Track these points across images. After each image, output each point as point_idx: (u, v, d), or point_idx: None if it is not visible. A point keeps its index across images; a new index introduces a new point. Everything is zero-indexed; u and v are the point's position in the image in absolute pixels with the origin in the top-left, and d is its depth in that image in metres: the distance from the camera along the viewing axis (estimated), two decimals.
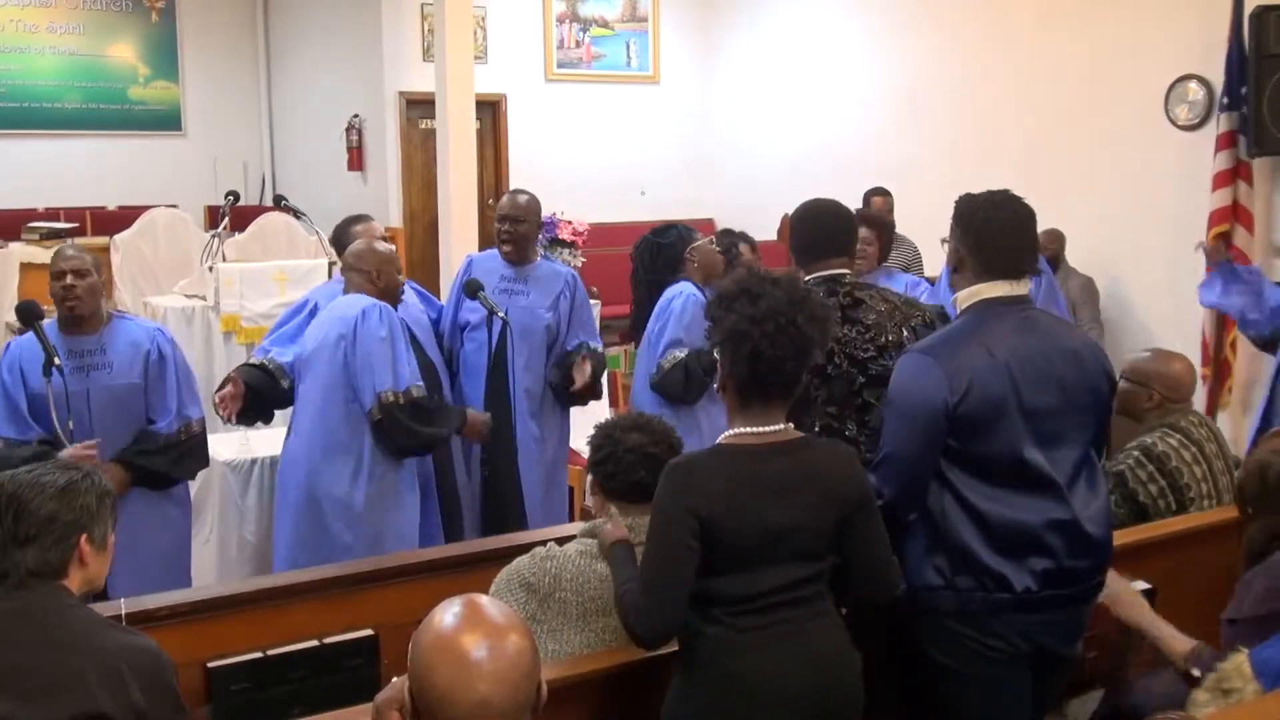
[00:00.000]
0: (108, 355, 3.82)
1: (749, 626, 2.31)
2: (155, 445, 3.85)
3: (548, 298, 4.63)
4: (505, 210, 4.65)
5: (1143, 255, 7.07)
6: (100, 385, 3.78)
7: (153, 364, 3.88)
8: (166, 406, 3.89)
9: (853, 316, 2.89)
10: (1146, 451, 3.67)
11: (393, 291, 4.12)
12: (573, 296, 4.69)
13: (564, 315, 4.66)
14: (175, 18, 10.65)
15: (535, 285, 4.64)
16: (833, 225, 3.06)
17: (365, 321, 3.90)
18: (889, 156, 8.54)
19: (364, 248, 4.16)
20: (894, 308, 2.96)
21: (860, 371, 2.85)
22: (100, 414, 3.76)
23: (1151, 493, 3.64)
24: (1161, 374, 3.79)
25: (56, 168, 9.99)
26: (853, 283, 2.98)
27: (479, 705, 1.57)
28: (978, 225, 2.62)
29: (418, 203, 9.52)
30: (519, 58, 9.86)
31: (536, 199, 4.72)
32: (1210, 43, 6.56)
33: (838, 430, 2.83)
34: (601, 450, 2.69)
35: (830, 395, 2.84)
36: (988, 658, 2.54)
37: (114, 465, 3.74)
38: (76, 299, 3.74)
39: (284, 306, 6.18)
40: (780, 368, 2.31)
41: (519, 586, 2.62)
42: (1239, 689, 2.59)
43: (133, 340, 3.88)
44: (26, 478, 2.33)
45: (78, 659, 2.19)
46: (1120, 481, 3.66)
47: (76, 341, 3.78)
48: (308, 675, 2.98)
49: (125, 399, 3.82)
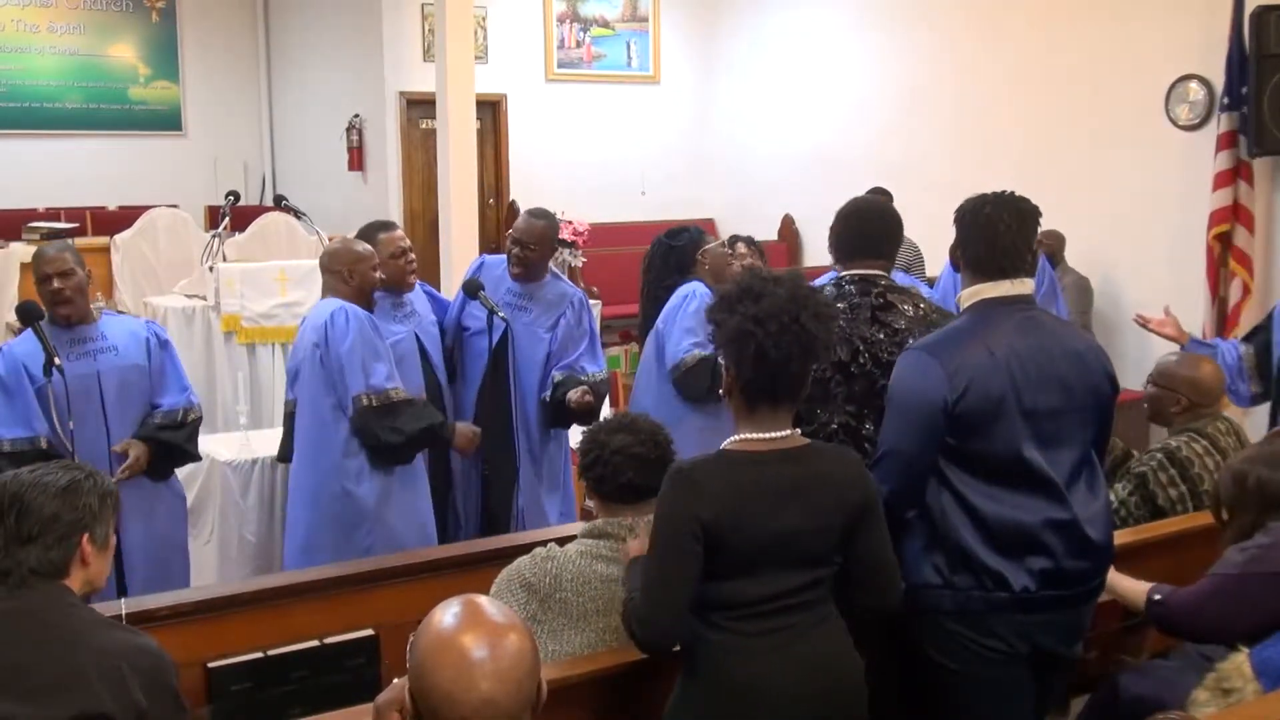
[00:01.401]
0: (110, 340, 3.88)
1: (752, 631, 2.30)
2: (172, 421, 3.94)
3: (549, 319, 4.53)
4: (519, 233, 4.49)
5: (1144, 255, 7.07)
6: (110, 366, 3.83)
7: (154, 348, 3.96)
8: (176, 387, 4.00)
9: (882, 319, 2.88)
10: (1170, 455, 3.69)
11: (367, 291, 4.05)
12: (576, 318, 4.56)
13: (559, 339, 4.52)
14: (176, 18, 10.65)
15: (539, 304, 4.53)
16: (878, 227, 3.05)
17: (333, 326, 3.88)
18: (889, 156, 8.54)
19: (338, 247, 4.14)
20: (925, 314, 2.95)
21: (883, 373, 2.84)
22: (114, 394, 3.83)
23: (1171, 496, 3.65)
24: (1189, 378, 3.79)
25: (57, 168, 10.00)
26: (887, 285, 2.97)
27: (482, 705, 1.57)
28: (980, 225, 2.63)
29: (418, 203, 9.53)
30: (519, 58, 9.87)
31: (553, 224, 4.59)
32: (1211, 43, 6.57)
33: (855, 429, 2.83)
34: (589, 455, 2.69)
35: (851, 393, 2.83)
36: (986, 658, 2.54)
37: (136, 441, 3.85)
38: (66, 300, 3.77)
39: (284, 306, 6.21)
40: (786, 367, 2.30)
41: (519, 587, 2.62)
42: (1239, 689, 2.60)
43: (129, 329, 3.99)
44: (29, 477, 2.34)
45: (79, 658, 2.19)
46: (1141, 482, 3.67)
47: (77, 331, 3.82)
48: (308, 675, 2.98)
49: (134, 380, 3.89)
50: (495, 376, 4.44)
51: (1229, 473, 3.01)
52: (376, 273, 4.07)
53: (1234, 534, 2.94)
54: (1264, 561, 2.79)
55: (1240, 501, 2.94)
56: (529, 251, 4.47)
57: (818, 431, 2.80)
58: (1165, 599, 2.90)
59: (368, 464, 3.94)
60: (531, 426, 4.53)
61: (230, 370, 6.07)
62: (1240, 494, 2.94)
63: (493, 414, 4.42)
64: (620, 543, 2.62)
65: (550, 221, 4.57)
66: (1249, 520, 2.91)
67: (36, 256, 3.85)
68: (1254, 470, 2.93)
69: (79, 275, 3.80)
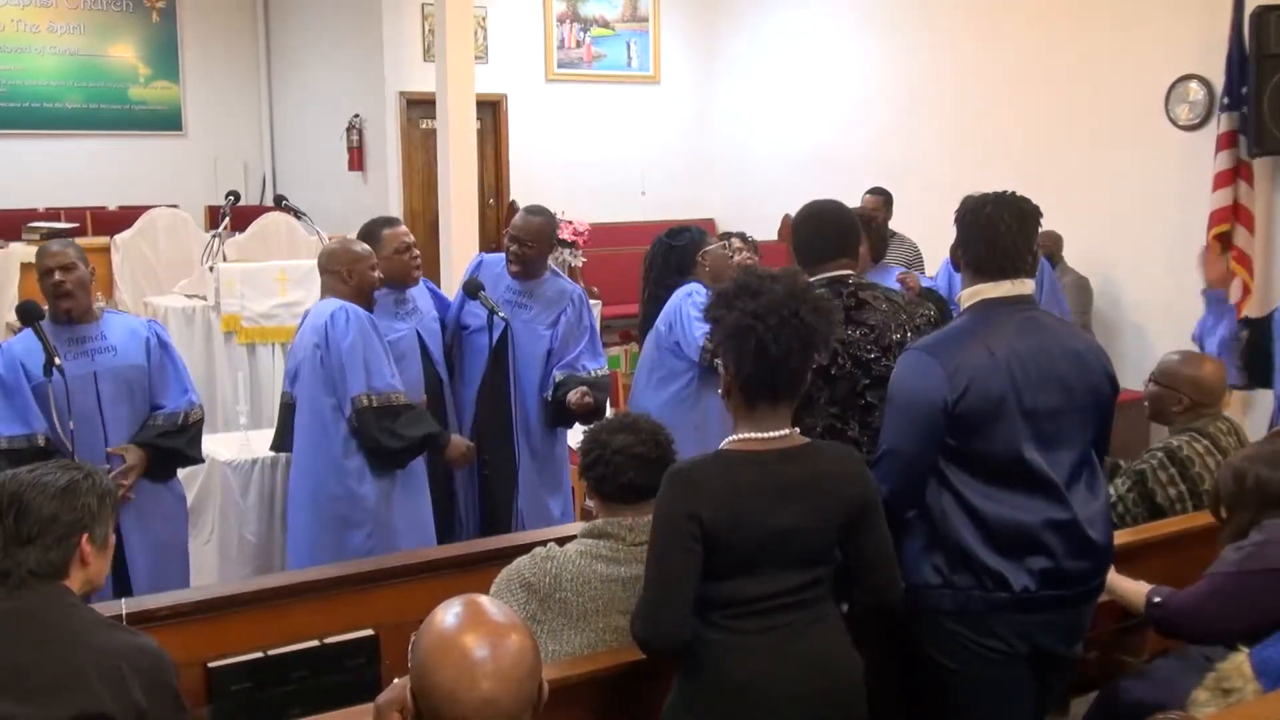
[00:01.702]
0: (109, 340, 3.86)
1: (750, 630, 2.30)
2: (173, 425, 3.92)
3: (549, 316, 4.53)
4: (516, 230, 4.49)
5: (1143, 255, 7.07)
6: (106, 367, 3.82)
7: (154, 349, 3.93)
8: (178, 388, 3.97)
9: (857, 318, 2.89)
10: (1171, 454, 3.68)
11: (366, 290, 4.05)
12: (576, 315, 4.56)
13: (559, 335, 4.52)
14: (176, 18, 10.65)
15: (539, 302, 4.53)
16: (834, 227, 3.05)
17: (334, 327, 3.87)
18: (889, 156, 8.54)
19: (336, 247, 4.13)
20: (898, 308, 2.96)
21: (864, 373, 2.85)
22: (109, 395, 3.81)
23: (1170, 495, 3.65)
24: (1191, 377, 3.79)
25: (57, 168, 10.00)
26: (856, 283, 2.98)
27: (484, 704, 1.58)
28: (980, 225, 2.63)
29: (418, 203, 9.53)
30: (519, 58, 9.87)
31: (551, 221, 4.58)
32: (1210, 43, 6.56)
33: (841, 431, 2.83)
34: (590, 454, 2.68)
35: (833, 396, 2.84)
36: (986, 658, 2.54)
37: (134, 447, 3.83)
38: (68, 294, 3.76)
39: (285, 306, 6.22)
40: (786, 361, 2.30)
41: (519, 587, 2.62)
42: (1239, 689, 2.60)
43: (130, 328, 3.95)
44: (28, 477, 2.34)
45: (79, 658, 2.19)
46: (1140, 479, 3.67)
47: (75, 330, 3.81)
48: (308, 675, 2.98)
49: (131, 381, 3.87)
50: (495, 376, 4.44)
51: (1229, 470, 3.01)
52: (375, 272, 4.06)
53: (1232, 532, 2.94)
54: (1260, 559, 2.79)
55: (1239, 500, 2.94)
56: (527, 249, 4.46)
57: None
58: (1165, 601, 2.90)
59: (368, 464, 3.94)
60: (532, 425, 4.53)
61: (230, 370, 6.07)
62: (1239, 492, 2.94)
63: (493, 413, 4.42)
64: (620, 543, 2.62)
65: (548, 218, 4.56)
66: (1247, 519, 2.91)
67: (40, 251, 3.84)
68: (1253, 469, 2.93)
69: (81, 270, 3.80)
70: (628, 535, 2.62)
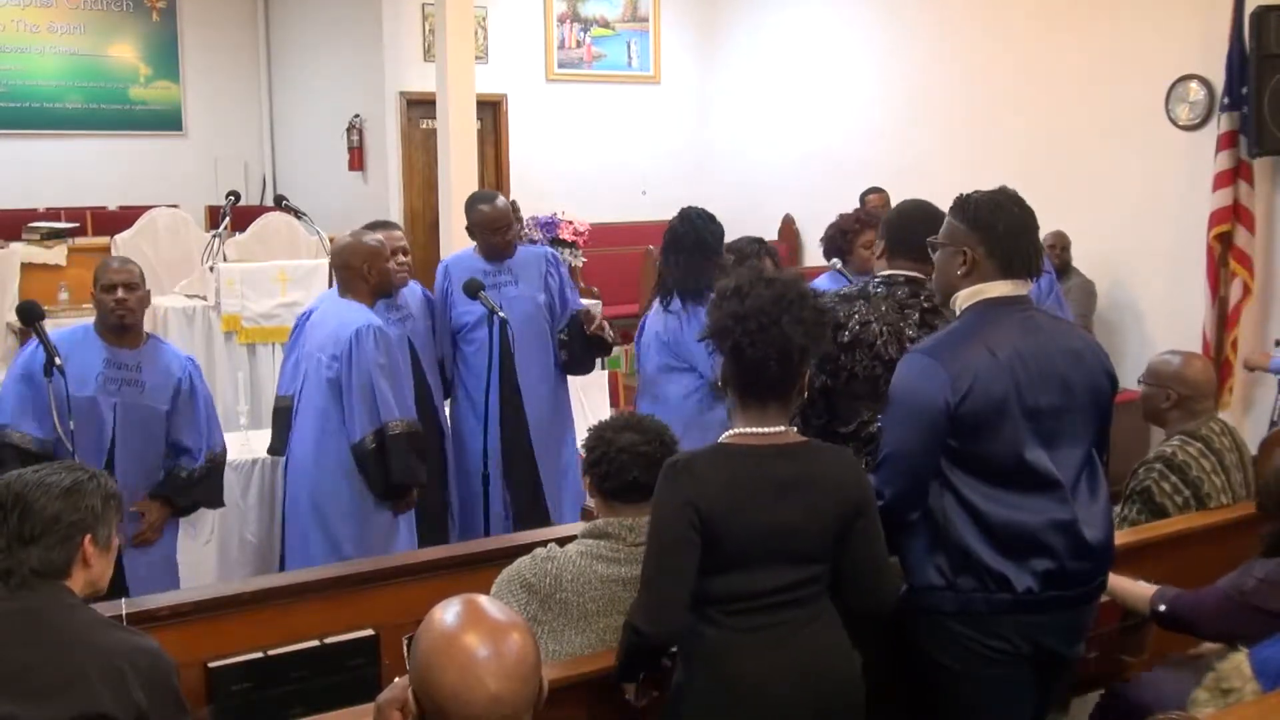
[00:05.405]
0: (143, 375, 3.82)
1: (746, 627, 2.31)
2: (192, 480, 3.91)
3: (536, 280, 4.71)
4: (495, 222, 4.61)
5: (1144, 255, 7.07)
6: (129, 402, 3.79)
7: (183, 395, 3.89)
8: (196, 436, 3.93)
9: (930, 322, 2.89)
10: (1168, 463, 3.68)
11: (385, 285, 4.07)
12: (559, 272, 4.82)
13: (555, 292, 4.75)
14: (176, 17, 10.65)
15: (520, 271, 4.69)
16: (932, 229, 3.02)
17: (360, 347, 3.84)
18: (889, 156, 8.54)
19: (352, 243, 4.09)
20: None
21: None
22: (123, 428, 3.78)
23: (1178, 503, 3.66)
24: (1176, 373, 3.78)
25: (57, 168, 10.00)
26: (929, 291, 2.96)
27: (490, 703, 1.58)
28: (999, 227, 2.59)
29: (418, 203, 9.53)
30: (520, 58, 9.87)
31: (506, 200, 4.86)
32: (1211, 43, 6.56)
33: None
34: (595, 451, 2.69)
35: None
36: (989, 659, 2.54)
37: (154, 504, 3.84)
38: (129, 310, 3.75)
39: (285, 306, 6.22)
40: (764, 367, 2.31)
41: (520, 587, 2.62)
42: (1238, 689, 2.60)
43: (167, 367, 3.89)
44: (32, 477, 2.34)
45: (80, 659, 2.19)
46: (1149, 498, 3.66)
47: (116, 353, 3.78)
48: (308, 675, 2.98)
49: (149, 421, 3.83)
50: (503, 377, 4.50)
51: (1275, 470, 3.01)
52: (390, 263, 4.09)
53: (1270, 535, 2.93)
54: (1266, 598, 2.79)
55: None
56: (509, 232, 4.67)
57: (858, 430, 2.80)
58: (1170, 607, 2.89)
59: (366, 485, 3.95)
60: (544, 421, 4.70)
61: (230, 370, 6.08)
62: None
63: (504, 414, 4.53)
64: (621, 543, 2.63)
65: (503, 199, 4.80)
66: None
67: (103, 266, 3.80)
68: None
69: (142, 290, 3.80)
70: (628, 535, 2.62)
